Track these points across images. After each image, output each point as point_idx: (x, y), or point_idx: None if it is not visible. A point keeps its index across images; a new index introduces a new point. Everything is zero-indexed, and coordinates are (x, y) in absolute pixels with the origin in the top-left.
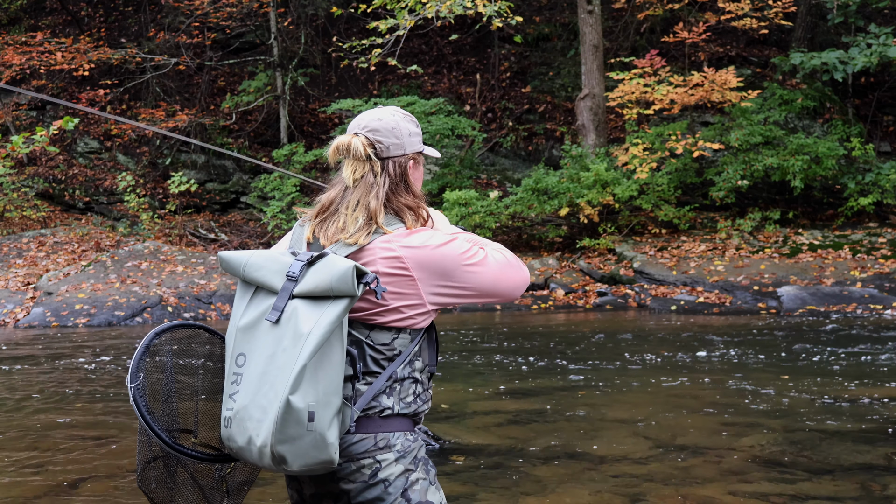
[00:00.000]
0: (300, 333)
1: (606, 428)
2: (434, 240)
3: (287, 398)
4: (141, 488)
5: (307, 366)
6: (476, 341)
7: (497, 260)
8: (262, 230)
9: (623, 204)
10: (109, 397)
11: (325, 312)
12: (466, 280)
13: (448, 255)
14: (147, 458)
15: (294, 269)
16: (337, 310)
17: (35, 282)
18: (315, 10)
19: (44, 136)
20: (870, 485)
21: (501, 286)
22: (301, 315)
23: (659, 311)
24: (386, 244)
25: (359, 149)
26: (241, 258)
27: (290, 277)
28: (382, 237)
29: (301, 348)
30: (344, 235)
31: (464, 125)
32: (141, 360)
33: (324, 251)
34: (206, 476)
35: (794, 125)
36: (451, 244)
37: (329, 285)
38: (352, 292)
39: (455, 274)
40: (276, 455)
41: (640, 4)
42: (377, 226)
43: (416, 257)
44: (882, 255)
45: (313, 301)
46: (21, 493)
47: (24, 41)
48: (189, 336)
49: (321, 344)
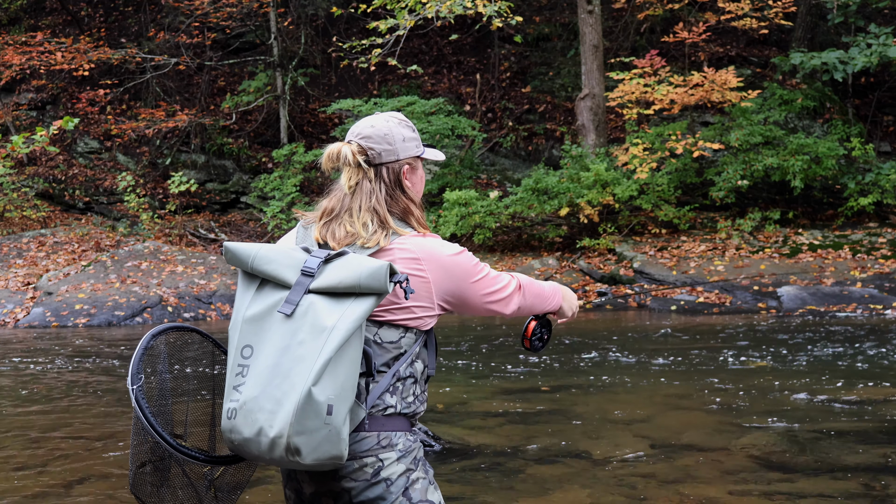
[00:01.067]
0: (322, 327)
1: (606, 428)
2: (449, 248)
3: (309, 389)
4: (133, 492)
5: (332, 359)
6: (476, 341)
7: (498, 279)
8: (262, 230)
9: (623, 204)
10: (109, 397)
11: (350, 308)
12: (470, 292)
13: (461, 264)
14: (140, 462)
15: (311, 264)
16: (364, 306)
17: (35, 282)
18: (315, 10)
19: (44, 136)
20: (870, 485)
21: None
22: (320, 310)
23: (659, 312)
24: (403, 246)
25: (348, 156)
26: (250, 251)
27: (307, 272)
28: (399, 239)
29: (325, 342)
30: (360, 241)
31: (464, 125)
32: (141, 362)
33: (342, 250)
34: (200, 479)
35: (794, 125)
36: (464, 255)
37: (357, 281)
38: (383, 289)
39: (463, 284)
40: (292, 446)
41: (640, 4)
42: (392, 229)
43: (433, 261)
44: (882, 255)
45: (334, 297)
46: (21, 493)
47: (24, 41)
48: (183, 338)
49: (346, 338)
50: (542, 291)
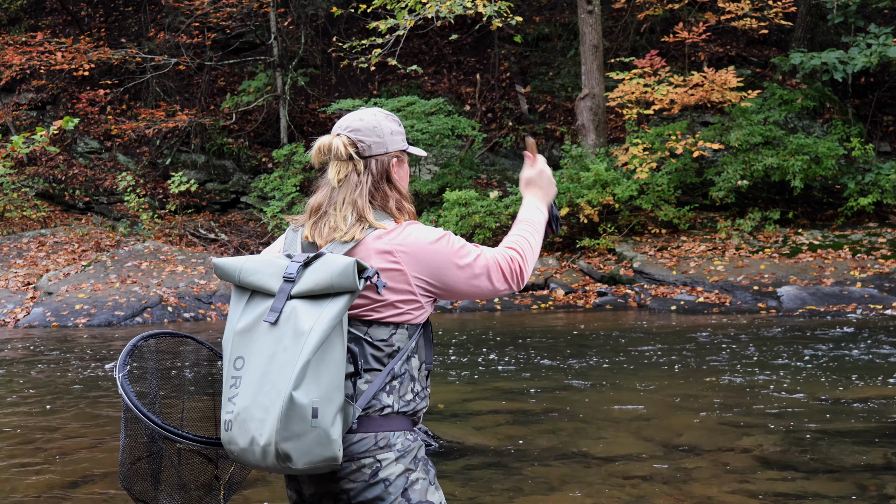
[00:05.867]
0: (301, 331)
1: (606, 428)
2: (426, 235)
3: (290, 394)
4: (124, 486)
5: (310, 362)
6: (476, 341)
7: (487, 260)
8: (262, 230)
9: (623, 204)
10: (109, 398)
11: (325, 309)
12: (453, 277)
13: (440, 250)
14: (133, 458)
15: (291, 270)
16: (338, 306)
17: (35, 282)
18: (315, 10)
19: (44, 136)
20: (870, 485)
21: (484, 288)
22: (301, 314)
23: (659, 312)
24: (378, 239)
25: (340, 149)
26: (236, 264)
27: (287, 279)
28: (374, 232)
29: (303, 345)
30: (338, 234)
31: (464, 125)
32: (128, 356)
33: (320, 251)
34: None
35: (794, 125)
36: (443, 240)
37: (329, 282)
38: (353, 287)
39: (444, 270)
40: (281, 453)
41: (640, 4)
42: (368, 222)
43: (407, 251)
44: (882, 255)
45: (313, 300)
46: (21, 493)
47: (24, 41)
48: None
49: (323, 340)
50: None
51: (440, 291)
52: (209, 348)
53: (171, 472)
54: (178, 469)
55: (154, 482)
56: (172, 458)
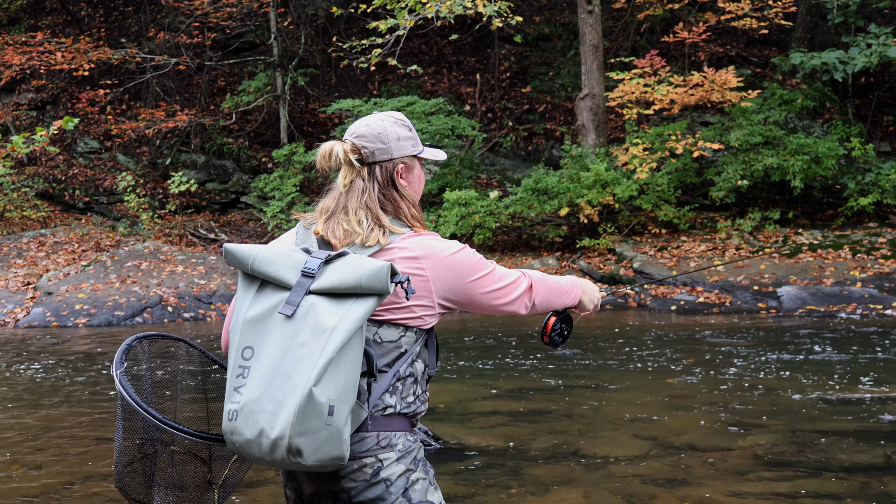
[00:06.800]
0: (323, 328)
1: (606, 428)
2: (448, 246)
3: (310, 390)
4: (118, 486)
5: (333, 360)
6: (476, 341)
7: (504, 275)
8: (262, 230)
9: (623, 204)
10: (109, 398)
11: (350, 308)
12: (473, 290)
13: (462, 261)
14: (127, 459)
15: (311, 265)
16: (365, 307)
17: (35, 282)
18: (315, 10)
19: (44, 136)
20: (870, 485)
21: (504, 306)
22: (321, 310)
23: (659, 312)
24: (403, 245)
25: (339, 155)
26: (250, 252)
27: (307, 273)
28: (398, 238)
29: (326, 342)
30: (358, 238)
31: (464, 125)
32: (124, 354)
33: (342, 251)
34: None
35: (794, 125)
36: (464, 252)
37: (357, 282)
38: (384, 290)
39: (464, 282)
40: (293, 447)
41: (640, 4)
42: (387, 227)
43: (432, 259)
44: (882, 255)
45: (334, 298)
46: (21, 493)
47: (24, 41)
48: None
49: (347, 339)
50: (558, 286)
51: (460, 301)
52: (201, 351)
53: (166, 474)
54: (173, 470)
55: (148, 483)
56: (167, 460)
